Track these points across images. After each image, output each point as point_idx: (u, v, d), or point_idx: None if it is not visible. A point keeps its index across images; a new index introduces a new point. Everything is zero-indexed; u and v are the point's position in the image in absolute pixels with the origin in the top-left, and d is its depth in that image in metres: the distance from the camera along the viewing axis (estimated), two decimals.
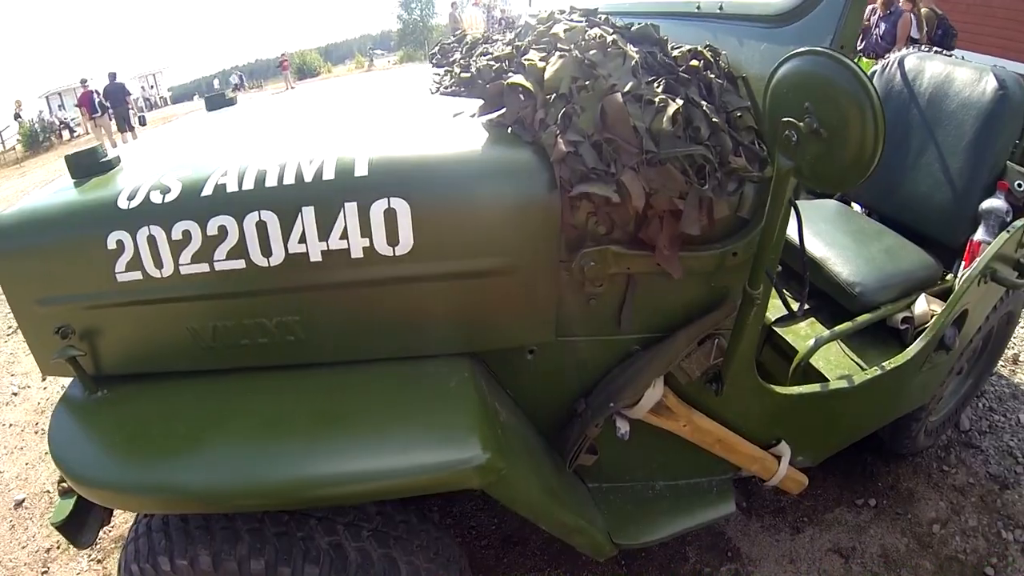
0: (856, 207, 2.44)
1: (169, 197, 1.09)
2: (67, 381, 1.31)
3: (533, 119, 1.06)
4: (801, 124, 0.89)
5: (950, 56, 2.38)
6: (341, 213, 1.03)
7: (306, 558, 1.07)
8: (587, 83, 1.06)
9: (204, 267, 1.09)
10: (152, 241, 1.08)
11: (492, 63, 1.34)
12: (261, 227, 1.05)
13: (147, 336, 1.20)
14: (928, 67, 2.18)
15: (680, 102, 1.06)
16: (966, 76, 2.03)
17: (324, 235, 1.04)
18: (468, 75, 1.39)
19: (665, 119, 1.03)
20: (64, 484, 1.58)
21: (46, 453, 2.60)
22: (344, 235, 1.04)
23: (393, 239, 1.04)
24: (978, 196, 1.97)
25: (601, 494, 1.45)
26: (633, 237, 1.12)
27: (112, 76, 11.48)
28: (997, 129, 1.95)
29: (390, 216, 1.02)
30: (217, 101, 1.95)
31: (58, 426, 1.17)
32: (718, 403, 1.39)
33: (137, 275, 1.11)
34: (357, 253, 1.05)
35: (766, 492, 2.16)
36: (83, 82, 11.94)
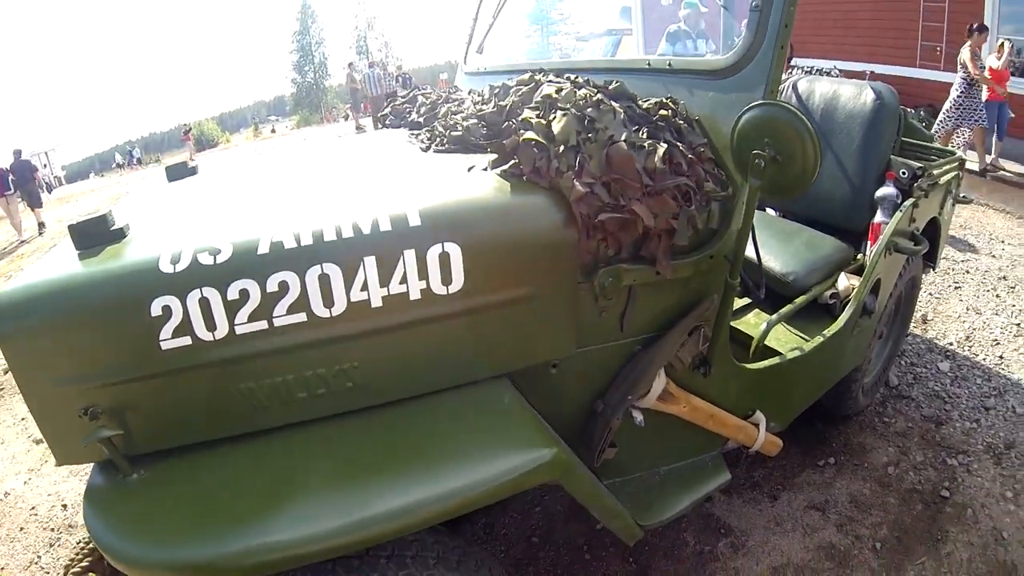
0: (772, 212, 2.81)
1: (221, 258, 1.09)
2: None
3: (548, 168, 1.25)
4: (764, 154, 1.19)
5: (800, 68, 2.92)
6: (400, 260, 1.12)
7: None
8: (590, 135, 1.28)
9: (262, 324, 1.10)
10: (205, 303, 1.07)
11: (481, 123, 1.54)
12: (324, 279, 1.09)
13: (194, 404, 1.16)
14: (817, 88, 2.62)
15: (664, 145, 1.31)
16: (849, 91, 2.47)
17: (385, 281, 1.12)
18: (458, 134, 1.57)
19: (657, 159, 1.28)
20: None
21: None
22: (404, 280, 1.13)
23: (447, 279, 1.16)
24: (872, 187, 2.40)
25: (615, 488, 1.62)
26: (634, 255, 1.35)
27: (17, 154, 10.92)
28: (879, 131, 2.40)
29: (444, 259, 1.14)
30: (179, 171, 1.88)
31: (103, 523, 1.07)
32: (705, 384, 1.62)
33: (186, 340, 1.08)
34: (415, 295, 1.15)
35: (740, 472, 2.40)
36: None
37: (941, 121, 6.73)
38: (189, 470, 1.15)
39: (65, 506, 2.73)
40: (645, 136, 1.32)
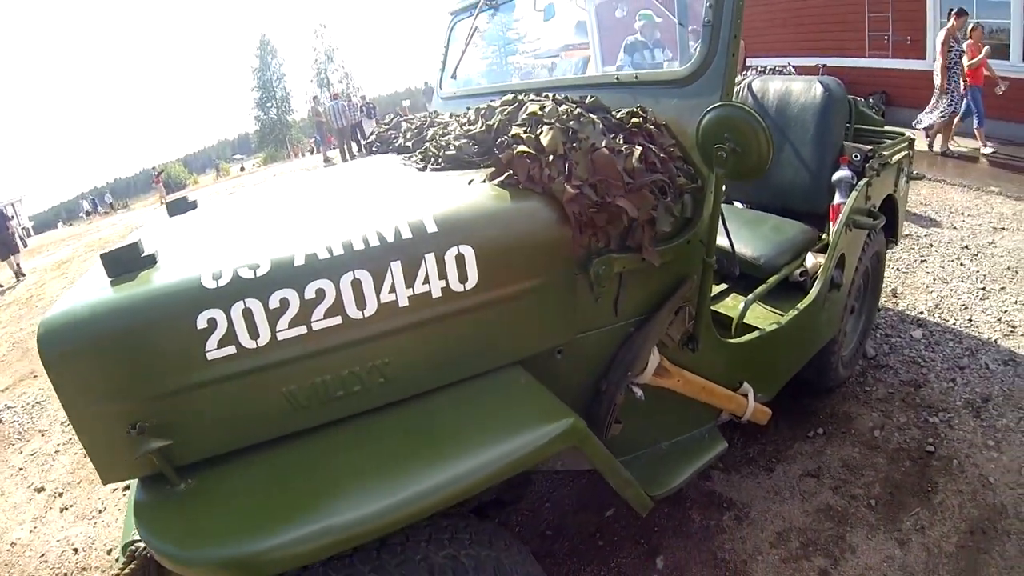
0: (738, 204, 2.96)
1: (261, 271, 1.17)
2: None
3: (541, 175, 1.38)
4: (725, 146, 1.37)
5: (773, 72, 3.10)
6: (423, 263, 1.24)
7: (432, 574, 1.18)
8: (575, 144, 1.42)
9: (302, 329, 1.18)
10: (248, 314, 1.14)
11: (472, 142, 1.67)
12: (356, 284, 1.19)
13: (238, 410, 1.21)
14: (771, 86, 2.82)
15: (640, 147, 1.47)
16: (799, 87, 2.67)
17: (410, 283, 1.23)
18: (452, 153, 1.69)
19: (634, 160, 1.43)
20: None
21: None
22: (426, 280, 1.25)
23: (463, 277, 1.28)
24: (829, 172, 2.59)
25: (624, 465, 1.71)
26: (621, 246, 1.48)
27: None
28: (830, 120, 2.60)
29: (460, 260, 1.27)
30: (180, 206, 1.93)
31: (159, 533, 1.09)
32: (694, 360, 1.75)
33: (231, 350, 1.15)
34: (437, 293, 1.26)
35: (736, 449, 2.51)
36: None
37: (932, 110, 6.74)
38: (234, 474, 1.20)
39: (76, 550, 2.72)
40: (622, 141, 1.48)
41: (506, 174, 1.43)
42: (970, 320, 3.36)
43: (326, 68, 41.95)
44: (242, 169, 31.83)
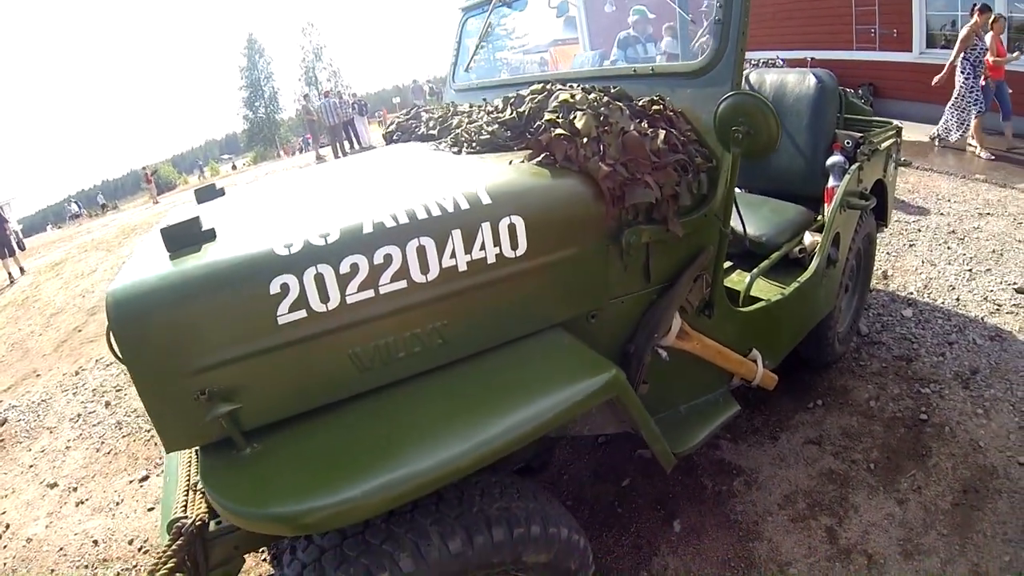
0: (738, 189, 3.11)
1: (331, 239, 1.24)
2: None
3: (577, 155, 1.52)
4: (740, 129, 1.51)
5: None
6: (480, 231, 1.35)
7: (489, 525, 1.27)
8: (606, 128, 1.56)
9: (370, 293, 1.25)
10: (319, 278, 1.21)
11: (504, 128, 1.80)
12: (421, 250, 1.29)
13: (305, 373, 1.26)
14: (767, 78, 2.99)
15: (663, 131, 1.61)
16: (794, 79, 2.84)
17: (468, 249, 1.34)
18: (486, 138, 1.82)
19: (659, 141, 1.58)
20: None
21: None
22: (482, 247, 1.36)
23: (515, 245, 1.40)
24: (823, 158, 2.76)
25: None
26: (648, 218, 1.61)
27: None
28: (823, 110, 2.78)
29: (512, 229, 1.39)
30: (208, 193, 1.98)
31: (233, 495, 1.13)
32: (710, 326, 1.89)
33: (301, 314, 1.20)
34: (491, 259, 1.38)
35: (741, 421, 2.66)
36: None
37: (958, 107, 6.50)
38: (300, 436, 1.25)
39: (96, 542, 2.73)
40: (646, 126, 1.62)
41: (543, 155, 1.56)
42: (958, 300, 3.52)
43: (314, 66, 41.77)
44: (234, 167, 31.67)
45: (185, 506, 1.46)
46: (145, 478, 3.13)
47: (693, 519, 2.20)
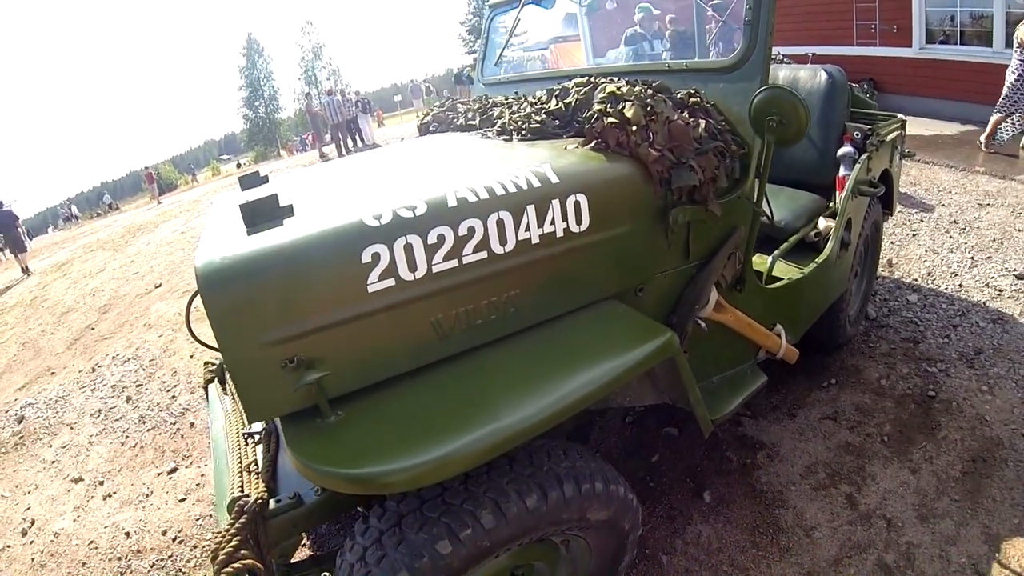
0: None
1: (419, 211, 1.33)
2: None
3: (628, 142, 1.67)
4: (774, 118, 1.66)
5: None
6: (550, 207, 1.48)
7: (560, 481, 1.39)
8: (653, 118, 1.71)
9: (454, 263, 1.35)
10: (408, 248, 1.29)
11: (552, 118, 1.95)
12: (500, 224, 1.40)
13: (388, 340, 1.34)
14: (780, 74, 3.15)
15: (703, 120, 1.77)
16: (806, 75, 3.00)
17: (540, 224, 1.47)
18: (536, 126, 1.95)
19: (701, 129, 1.74)
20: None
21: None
22: (552, 221, 1.49)
23: (579, 220, 1.53)
24: (834, 148, 2.92)
25: None
26: (690, 199, 1.76)
27: None
28: (834, 103, 2.95)
29: (576, 206, 1.53)
30: (252, 180, 1.96)
31: (326, 459, 1.18)
32: (740, 300, 2.05)
33: (390, 282, 1.28)
34: (559, 233, 1.51)
35: (760, 400, 2.81)
36: None
37: (1000, 106, 6.26)
38: (382, 402, 1.33)
39: (128, 534, 2.73)
40: (687, 115, 1.78)
41: (595, 141, 1.71)
42: (960, 285, 3.68)
43: (314, 65, 41.81)
44: (238, 166, 31.62)
45: (242, 487, 1.56)
46: (174, 470, 3.15)
47: (721, 490, 2.35)
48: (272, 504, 1.49)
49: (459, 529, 1.27)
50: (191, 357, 4.45)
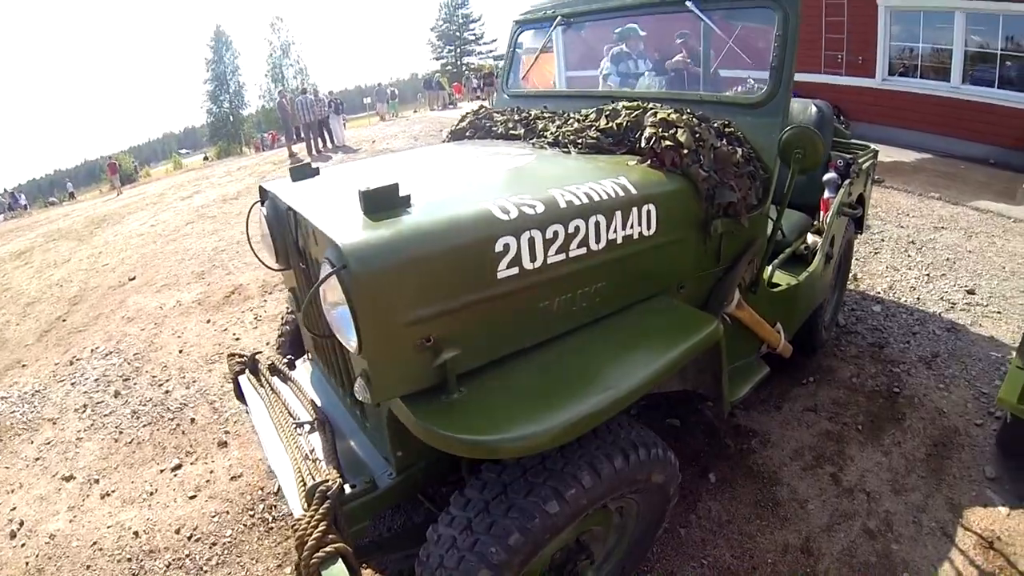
0: None
1: (539, 210, 1.53)
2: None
3: (681, 162, 1.93)
4: (799, 151, 1.97)
5: None
6: (632, 213, 1.73)
7: (636, 447, 1.59)
8: (700, 143, 1.98)
9: (563, 256, 1.56)
10: (532, 241, 1.48)
11: (604, 135, 2.18)
12: (597, 224, 1.64)
13: (506, 323, 1.51)
14: None
15: (740, 148, 2.05)
16: (797, 107, 3.35)
17: (624, 227, 1.72)
18: (592, 142, 2.18)
19: (738, 156, 2.03)
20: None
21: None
22: (631, 225, 1.74)
23: (650, 226, 1.80)
24: (820, 175, 3.28)
25: None
26: (726, 213, 2.04)
27: None
28: (822, 133, 3.26)
29: (648, 213, 1.78)
30: (303, 172, 2.06)
31: (460, 432, 1.31)
32: (753, 301, 2.35)
33: (515, 270, 1.46)
34: (636, 235, 1.76)
35: (751, 395, 3.13)
36: None
37: None
38: (497, 379, 1.51)
39: (136, 534, 2.60)
40: (725, 143, 2.07)
41: (651, 159, 1.97)
42: (918, 299, 4.13)
43: (281, 63, 41.22)
44: (206, 158, 30.62)
45: (310, 475, 1.63)
46: (178, 467, 3.03)
47: (724, 472, 2.66)
48: (347, 489, 1.61)
49: (564, 489, 1.45)
50: (180, 352, 4.31)
